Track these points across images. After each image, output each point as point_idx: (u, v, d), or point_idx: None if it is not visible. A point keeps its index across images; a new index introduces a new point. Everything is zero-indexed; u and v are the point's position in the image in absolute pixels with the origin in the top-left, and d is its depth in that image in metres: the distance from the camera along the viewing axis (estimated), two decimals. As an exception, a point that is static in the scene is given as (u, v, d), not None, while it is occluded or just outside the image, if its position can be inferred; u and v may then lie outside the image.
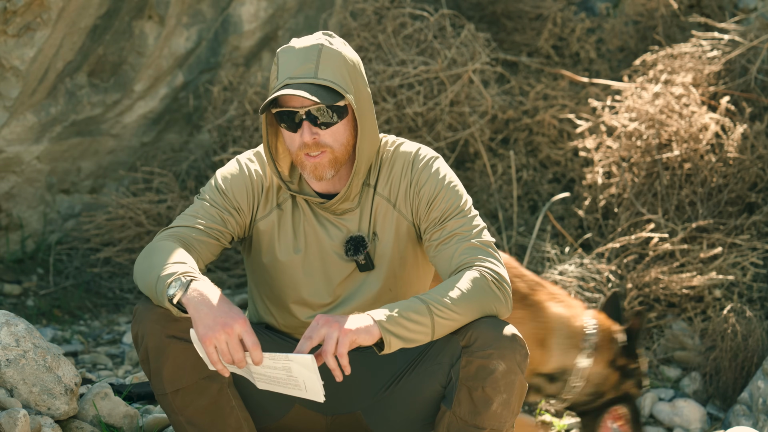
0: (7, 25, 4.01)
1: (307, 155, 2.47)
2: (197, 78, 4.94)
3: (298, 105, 2.45)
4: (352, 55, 2.50)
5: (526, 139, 4.92)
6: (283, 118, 2.47)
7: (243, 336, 2.26)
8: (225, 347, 2.25)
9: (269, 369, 2.29)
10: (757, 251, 4.16)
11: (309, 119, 2.44)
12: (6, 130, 4.29)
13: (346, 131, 2.48)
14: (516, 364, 2.40)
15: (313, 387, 2.27)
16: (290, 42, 2.50)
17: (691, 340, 4.06)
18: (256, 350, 2.25)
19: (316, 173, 2.48)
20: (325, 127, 2.45)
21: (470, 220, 2.52)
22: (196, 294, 2.29)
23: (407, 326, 2.32)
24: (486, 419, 2.41)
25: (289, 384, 2.30)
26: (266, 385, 2.35)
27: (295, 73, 2.43)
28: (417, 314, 2.33)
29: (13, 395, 2.68)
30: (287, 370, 2.27)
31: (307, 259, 2.58)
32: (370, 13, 4.85)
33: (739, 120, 4.40)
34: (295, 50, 2.46)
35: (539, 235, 4.56)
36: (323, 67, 2.43)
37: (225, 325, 2.25)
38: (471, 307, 2.39)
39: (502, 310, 2.44)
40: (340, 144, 2.48)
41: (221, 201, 2.58)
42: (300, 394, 2.31)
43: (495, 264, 2.46)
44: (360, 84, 2.49)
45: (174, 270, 2.35)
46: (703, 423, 3.81)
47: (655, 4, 5.17)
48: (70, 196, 4.77)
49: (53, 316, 4.30)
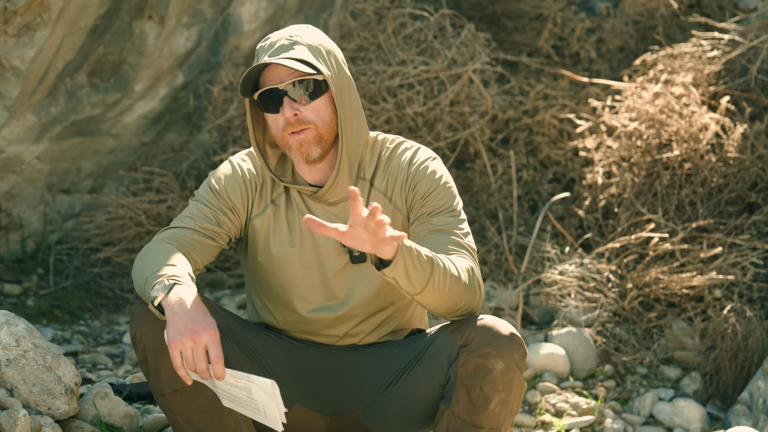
0: (7, 25, 4.01)
1: (292, 134, 2.50)
2: (197, 78, 4.94)
3: (277, 81, 2.49)
4: (329, 42, 2.57)
5: (526, 139, 4.91)
6: (265, 100, 2.51)
7: (209, 347, 2.26)
8: (190, 354, 2.26)
9: (231, 387, 2.28)
10: (757, 251, 4.16)
11: (290, 95, 2.48)
12: (6, 130, 4.29)
13: (327, 108, 2.52)
14: (514, 363, 2.40)
15: (272, 414, 2.25)
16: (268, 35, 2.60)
17: (691, 340, 4.06)
18: (218, 364, 2.26)
19: (302, 150, 2.51)
20: (306, 101, 2.48)
21: (459, 221, 2.55)
22: (176, 298, 2.31)
23: (416, 268, 2.31)
24: (484, 418, 2.41)
25: (249, 406, 2.28)
26: (230, 404, 2.34)
27: (271, 53, 2.50)
28: (425, 265, 2.33)
29: (13, 395, 2.69)
30: (248, 391, 2.25)
31: (303, 253, 2.60)
32: (370, 13, 4.85)
33: (739, 120, 4.39)
34: (271, 38, 2.55)
35: (539, 235, 4.56)
36: (299, 48, 2.50)
37: (194, 333, 2.26)
38: (458, 290, 2.41)
39: (475, 308, 2.48)
40: (323, 121, 2.52)
41: (216, 201, 2.60)
42: (259, 419, 2.29)
43: (477, 267, 2.49)
44: (339, 64, 2.54)
45: (162, 273, 2.36)
46: (703, 423, 3.81)
47: (655, 4, 5.17)
48: (70, 196, 4.77)
49: (53, 316, 4.30)
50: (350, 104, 2.55)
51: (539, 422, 3.68)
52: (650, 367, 4.04)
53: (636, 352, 4.05)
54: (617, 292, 4.16)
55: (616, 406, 3.83)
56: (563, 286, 4.17)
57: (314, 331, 2.64)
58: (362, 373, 2.61)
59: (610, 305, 4.12)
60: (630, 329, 4.12)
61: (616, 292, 4.15)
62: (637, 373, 4.02)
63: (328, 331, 2.63)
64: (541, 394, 3.80)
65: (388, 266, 2.29)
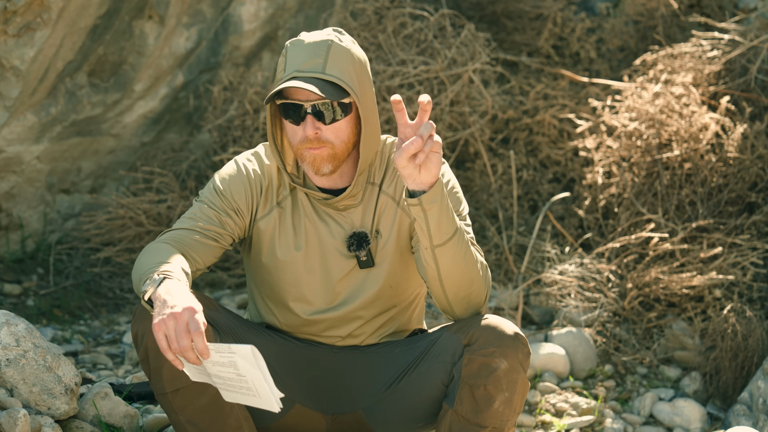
0: (7, 25, 4.01)
1: (308, 148, 2.48)
2: (197, 78, 4.94)
3: (303, 98, 2.45)
4: (360, 53, 2.51)
5: (526, 139, 4.92)
6: (287, 110, 2.48)
7: (189, 323, 2.20)
8: (173, 333, 2.20)
9: (219, 367, 2.23)
10: (757, 251, 4.16)
11: (313, 114, 2.45)
12: (6, 130, 4.29)
13: (348, 128, 2.49)
14: (518, 362, 2.40)
15: (263, 391, 2.20)
16: (300, 35, 2.51)
17: (691, 340, 4.06)
18: (198, 337, 2.19)
19: (314, 165, 2.49)
20: (329, 122, 2.45)
21: (466, 226, 2.53)
22: (164, 291, 2.27)
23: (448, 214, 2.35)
24: (488, 417, 2.41)
25: (242, 388, 2.24)
26: (227, 394, 2.29)
27: (303, 66, 2.44)
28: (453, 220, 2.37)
29: (13, 395, 2.68)
30: (234, 366, 2.20)
31: (308, 256, 2.59)
32: (370, 12, 4.84)
33: (739, 120, 4.40)
34: (305, 44, 2.47)
35: (539, 235, 4.56)
36: (331, 63, 2.44)
37: (174, 310, 2.21)
38: (473, 268, 2.41)
39: (482, 301, 2.47)
40: (341, 141, 2.49)
41: (219, 203, 2.58)
42: (256, 403, 2.24)
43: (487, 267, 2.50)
44: (365, 83, 2.49)
45: (156, 269, 2.35)
46: (703, 423, 3.81)
47: (655, 4, 5.17)
48: (70, 196, 4.77)
49: (53, 316, 4.30)
50: (372, 119, 2.52)
51: (539, 422, 3.68)
52: (650, 367, 4.04)
53: (636, 352, 4.05)
54: (617, 292, 4.16)
55: (616, 406, 3.83)
56: (563, 286, 4.16)
57: (316, 333, 2.64)
58: (364, 373, 2.60)
59: (610, 305, 4.12)
60: (630, 329, 4.12)
61: (616, 292, 4.15)
62: (637, 373, 4.02)
63: (330, 333, 2.63)
64: (541, 394, 3.80)
65: (426, 193, 2.30)
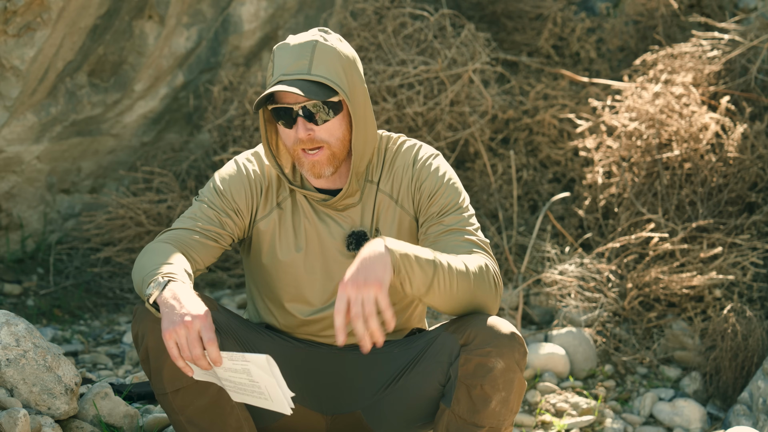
0: (7, 25, 4.01)
1: (304, 151, 2.48)
2: (197, 78, 4.94)
3: (292, 101, 2.45)
4: (348, 50, 2.50)
5: (526, 138, 4.92)
6: (279, 114, 2.48)
7: (201, 331, 2.21)
8: (184, 342, 2.21)
9: (231, 372, 2.24)
10: (757, 251, 4.16)
11: (304, 115, 2.45)
12: (6, 129, 4.29)
13: (341, 126, 2.49)
14: (515, 362, 2.40)
15: (276, 396, 2.20)
16: (287, 38, 2.51)
17: (691, 340, 4.06)
18: (211, 346, 2.20)
19: (314, 171, 2.49)
20: (321, 123, 2.45)
21: (468, 217, 2.53)
22: (170, 294, 2.28)
23: (415, 269, 2.30)
24: (485, 417, 2.41)
25: (254, 392, 2.24)
26: (236, 395, 2.30)
27: (288, 69, 2.44)
28: (426, 269, 2.31)
29: (13, 395, 2.68)
30: (247, 373, 2.21)
31: (309, 257, 2.58)
32: (370, 13, 4.84)
33: (739, 120, 4.40)
34: (290, 47, 2.48)
35: (539, 234, 4.56)
36: (317, 63, 2.44)
37: (185, 319, 2.22)
38: (467, 290, 2.39)
39: (492, 305, 2.45)
40: (336, 139, 2.49)
41: (219, 203, 2.58)
42: (267, 405, 2.25)
43: (494, 261, 2.47)
44: (355, 79, 2.49)
45: (158, 271, 2.35)
46: (703, 423, 3.81)
47: (655, 4, 5.17)
48: (70, 196, 4.77)
49: (53, 316, 4.30)
50: (364, 116, 2.51)
51: (539, 422, 3.68)
52: (650, 367, 4.04)
53: (636, 352, 4.05)
54: (617, 292, 4.16)
55: (616, 406, 3.83)
56: (563, 286, 4.16)
57: (315, 333, 2.64)
58: (363, 372, 2.60)
59: (610, 305, 4.12)
60: (630, 329, 4.12)
61: (616, 292, 4.15)
62: (637, 373, 4.02)
63: (330, 332, 2.63)
64: (541, 394, 3.80)
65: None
